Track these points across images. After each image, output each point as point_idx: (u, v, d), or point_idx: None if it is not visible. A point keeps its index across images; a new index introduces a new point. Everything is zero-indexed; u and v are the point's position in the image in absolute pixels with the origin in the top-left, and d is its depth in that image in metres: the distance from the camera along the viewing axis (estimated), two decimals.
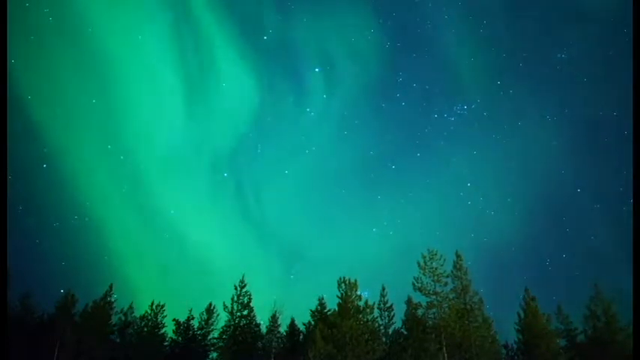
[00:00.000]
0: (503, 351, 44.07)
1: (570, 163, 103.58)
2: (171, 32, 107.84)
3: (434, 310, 38.59)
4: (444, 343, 36.97)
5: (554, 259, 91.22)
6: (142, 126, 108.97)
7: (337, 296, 39.20)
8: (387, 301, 42.47)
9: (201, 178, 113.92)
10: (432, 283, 39.16)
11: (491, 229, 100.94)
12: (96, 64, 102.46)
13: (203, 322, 45.29)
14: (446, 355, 36.73)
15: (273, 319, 43.50)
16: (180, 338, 44.40)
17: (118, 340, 43.88)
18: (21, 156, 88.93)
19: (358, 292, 38.98)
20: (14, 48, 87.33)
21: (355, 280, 39.60)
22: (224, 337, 42.71)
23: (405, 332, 41.33)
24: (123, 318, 44.70)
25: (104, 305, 43.94)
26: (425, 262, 39.95)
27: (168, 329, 44.83)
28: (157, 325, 44.52)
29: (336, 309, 38.95)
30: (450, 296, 38.98)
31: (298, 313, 47.28)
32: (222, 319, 44.26)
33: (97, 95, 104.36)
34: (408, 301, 43.10)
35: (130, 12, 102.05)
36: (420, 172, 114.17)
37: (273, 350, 42.53)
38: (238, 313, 43.18)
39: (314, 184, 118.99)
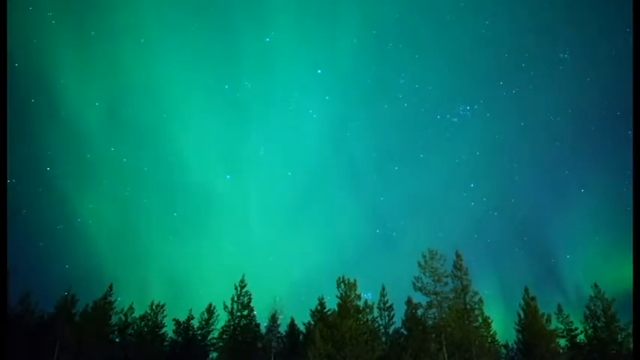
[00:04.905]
0: (504, 351, 44.08)
1: (573, 164, 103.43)
2: (173, 35, 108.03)
3: (434, 310, 38.46)
4: (444, 343, 36.89)
5: (558, 259, 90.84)
6: (145, 128, 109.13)
7: (337, 296, 39.17)
8: (387, 301, 42.62)
9: (204, 180, 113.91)
10: (433, 283, 39.02)
11: (495, 229, 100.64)
12: (98, 67, 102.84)
13: (203, 322, 45.32)
14: (446, 355, 36.65)
15: (273, 319, 43.57)
16: (180, 338, 44.42)
17: (117, 341, 43.99)
18: (24, 159, 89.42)
19: (358, 292, 38.87)
20: (17, 51, 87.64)
21: (355, 280, 39.50)
22: (224, 337, 42.74)
23: (405, 332, 41.39)
24: (123, 318, 44.81)
25: (104, 305, 44.04)
26: (425, 262, 39.85)
27: (169, 329, 45.00)
28: (157, 325, 44.62)
29: (336, 309, 38.91)
30: (450, 296, 38.82)
31: (299, 313, 47.36)
32: (222, 319, 44.42)
33: (100, 97, 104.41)
34: (409, 302, 43.25)
35: (132, 15, 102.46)
36: (423, 174, 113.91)
37: (273, 350, 42.54)
38: (238, 313, 43.21)
39: (317, 186, 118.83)
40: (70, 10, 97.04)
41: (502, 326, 46.60)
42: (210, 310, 45.89)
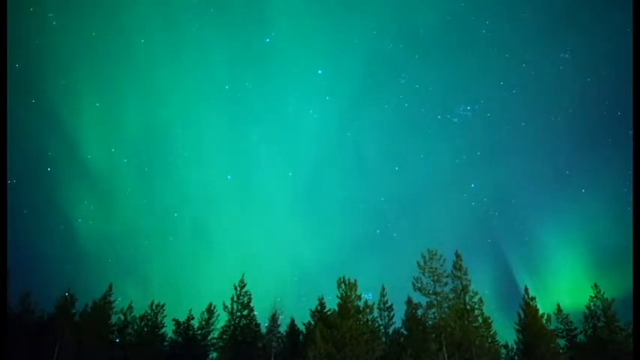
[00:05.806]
0: (504, 351, 44.03)
1: (574, 164, 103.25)
2: (173, 35, 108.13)
3: (434, 310, 38.47)
4: (444, 343, 36.88)
5: (558, 259, 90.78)
6: (146, 129, 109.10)
7: (337, 296, 39.18)
8: (387, 301, 42.70)
9: (205, 181, 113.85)
10: (432, 283, 39.03)
11: (495, 230, 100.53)
12: (99, 67, 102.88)
13: (203, 322, 45.26)
14: (446, 355, 36.63)
15: (273, 319, 43.60)
16: (180, 338, 44.38)
17: (117, 341, 44.00)
18: (24, 159, 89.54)
19: (358, 292, 38.87)
20: (18, 51, 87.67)
21: (355, 280, 39.49)
22: (224, 337, 42.71)
23: (405, 332, 41.40)
24: (122, 318, 44.81)
25: (104, 305, 44.06)
26: (425, 262, 39.85)
27: (168, 329, 44.96)
28: (157, 325, 44.59)
29: (336, 309, 38.91)
30: (450, 296, 38.85)
31: (299, 313, 47.34)
32: (222, 319, 44.38)
33: (101, 98, 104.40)
34: (409, 302, 43.29)
35: (133, 15, 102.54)
36: (424, 174, 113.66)
37: (273, 350, 42.54)
38: (238, 313, 43.22)
39: (317, 186, 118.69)
40: (71, 10, 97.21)
41: (502, 326, 46.58)
42: (210, 310, 45.82)
